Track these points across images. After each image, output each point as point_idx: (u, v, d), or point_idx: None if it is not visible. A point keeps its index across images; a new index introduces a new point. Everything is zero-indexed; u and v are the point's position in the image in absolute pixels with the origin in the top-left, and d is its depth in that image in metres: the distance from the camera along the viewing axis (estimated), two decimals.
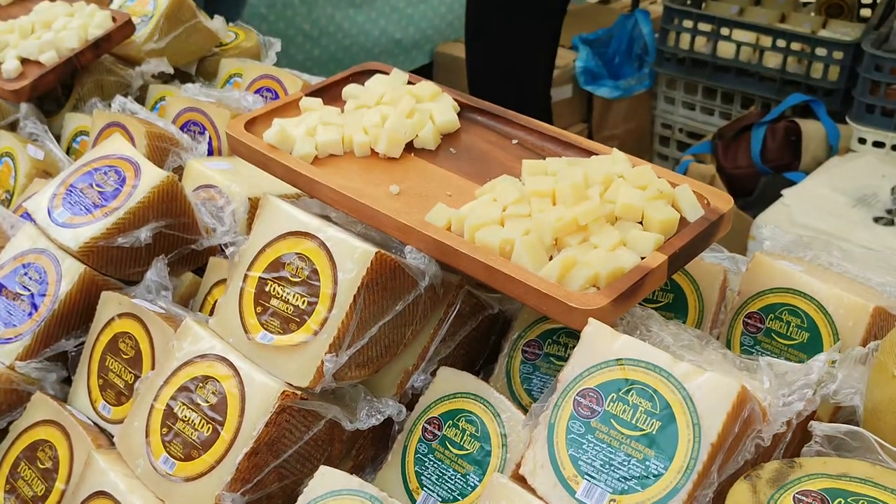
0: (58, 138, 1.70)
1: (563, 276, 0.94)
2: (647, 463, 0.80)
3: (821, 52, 3.52)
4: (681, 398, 0.81)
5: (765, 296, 1.13)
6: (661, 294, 1.20)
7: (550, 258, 0.97)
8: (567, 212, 0.98)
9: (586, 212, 0.98)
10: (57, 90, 1.77)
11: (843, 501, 0.75)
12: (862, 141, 3.26)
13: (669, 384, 0.82)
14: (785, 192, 3.10)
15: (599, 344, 0.87)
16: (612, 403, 0.84)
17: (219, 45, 1.99)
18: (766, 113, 3.67)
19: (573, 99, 4.12)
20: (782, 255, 1.22)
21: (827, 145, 3.53)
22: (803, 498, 0.75)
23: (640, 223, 1.01)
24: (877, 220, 2.89)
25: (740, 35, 3.76)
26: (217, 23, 1.93)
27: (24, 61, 1.69)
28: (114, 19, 1.76)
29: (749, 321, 1.14)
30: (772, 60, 3.69)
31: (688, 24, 3.91)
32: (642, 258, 0.96)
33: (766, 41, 3.65)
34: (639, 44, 4.29)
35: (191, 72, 1.95)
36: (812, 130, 3.51)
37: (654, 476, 0.79)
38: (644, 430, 0.81)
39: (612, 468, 0.81)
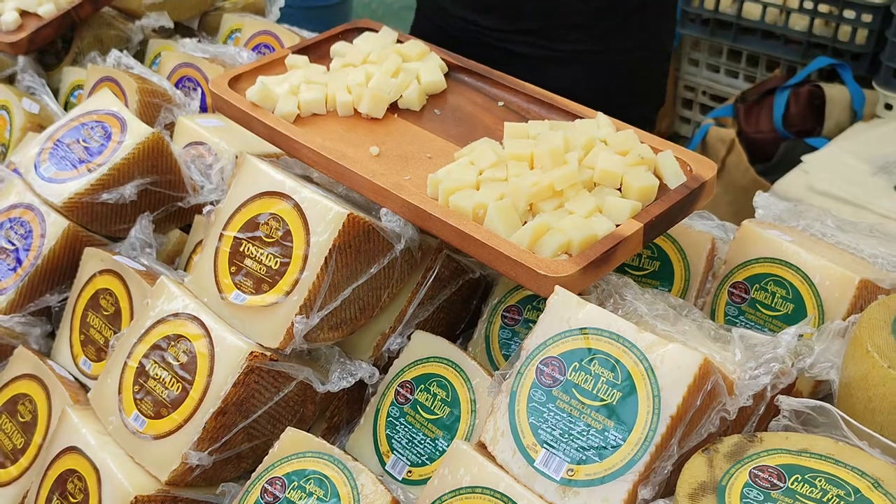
0: (57, 92, 1.69)
1: (534, 243, 0.92)
2: (606, 434, 0.79)
3: (849, 14, 3.42)
4: (642, 369, 0.79)
5: (751, 265, 1.11)
6: (647, 261, 1.18)
7: (525, 224, 0.95)
8: (543, 177, 0.96)
9: (562, 177, 0.96)
10: (56, 43, 1.76)
11: (800, 477, 0.73)
12: (888, 107, 3.18)
13: (632, 355, 0.80)
14: (805, 157, 3.04)
15: (564, 312, 0.85)
16: (574, 373, 0.82)
17: None
18: (791, 76, 3.59)
19: None
20: (773, 224, 1.20)
21: (851, 111, 3.45)
22: (760, 473, 0.74)
23: (620, 189, 0.99)
24: None
25: None
26: None
27: (23, 14, 1.68)
28: None
29: (734, 291, 1.12)
30: (798, 22, 3.60)
31: None
32: (618, 225, 0.94)
33: (793, 2, 3.56)
34: None
35: (193, 26, 1.93)
36: (836, 95, 3.43)
37: (613, 447, 0.78)
38: (605, 400, 0.80)
39: (572, 438, 0.80)
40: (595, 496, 0.77)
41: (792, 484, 0.73)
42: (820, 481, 0.73)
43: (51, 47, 1.77)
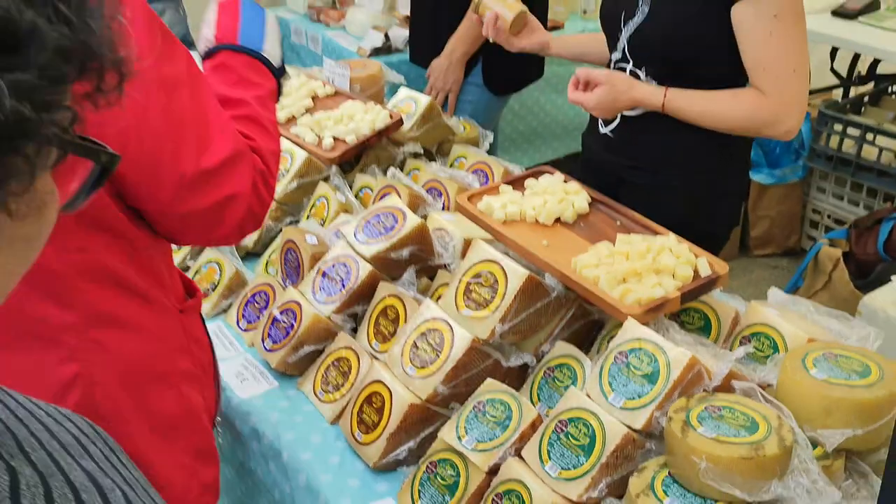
0: (351, 187, 2.71)
1: (622, 297, 1.81)
2: (643, 388, 1.65)
3: None
4: (664, 358, 1.66)
5: (753, 326, 1.94)
6: (696, 319, 2.04)
7: (618, 286, 1.84)
8: (632, 265, 1.86)
9: (642, 266, 1.85)
10: (352, 158, 2.80)
11: (728, 405, 1.57)
12: None
13: (661, 351, 1.67)
14: (894, 277, 3.72)
15: (631, 331, 1.73)
16: (632, 357, 1.70)
17: (452, 134, 2.97)
18: None
19: None
20: (776, 306, 2.03)
21: None
22: (709, 405, 1.58)
23: (673, 276, 1.87)
24: None
25: (883, 141, 4.39)
26: (453, 121, 2.92)
27: (335, 139, 2.73)
28: (391, 116, 2.77)
29: (744, 339, 1.95)
30: None
31: (837, 128, 4.57)
32: (667, 293, 1.82)
33: None
34: (797, 138, 4.97)
35: (433, 150, 2.93)
36: None
37: (645, 394, 1.65)
38: (644, 371, 1.67)
39: (627, 388, 1.67)
40: (635, 415, 1.64)
41: (722, 408, 1.57)
42: (728, 409, 1.57)
43: (348, 160, 2.80)
